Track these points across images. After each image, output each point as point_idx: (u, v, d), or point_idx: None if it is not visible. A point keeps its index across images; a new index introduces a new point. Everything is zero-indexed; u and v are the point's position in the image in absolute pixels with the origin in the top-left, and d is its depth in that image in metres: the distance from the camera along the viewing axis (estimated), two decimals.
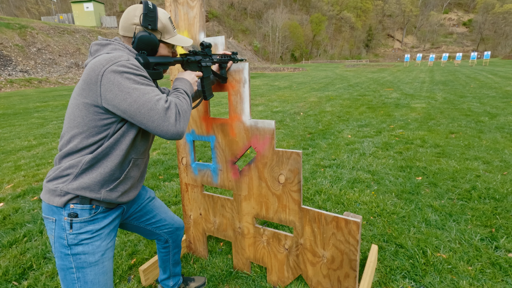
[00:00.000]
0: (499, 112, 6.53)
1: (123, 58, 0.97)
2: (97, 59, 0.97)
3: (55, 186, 1.02)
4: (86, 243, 1.05)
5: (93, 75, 0.95)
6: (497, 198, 2.71)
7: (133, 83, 0.95)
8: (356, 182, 3.23)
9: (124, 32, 1.11)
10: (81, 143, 1.00)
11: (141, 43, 1.07)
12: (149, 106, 0.95)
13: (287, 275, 1.73)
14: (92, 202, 1.05)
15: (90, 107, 0.97)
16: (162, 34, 1.14)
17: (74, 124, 1.00)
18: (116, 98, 0.94)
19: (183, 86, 1.16)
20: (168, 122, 0.97)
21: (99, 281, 1.10)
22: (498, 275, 1.78)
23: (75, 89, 1.02)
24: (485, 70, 20.15)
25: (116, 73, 0.94)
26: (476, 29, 75.43)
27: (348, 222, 1.41)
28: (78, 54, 26.28)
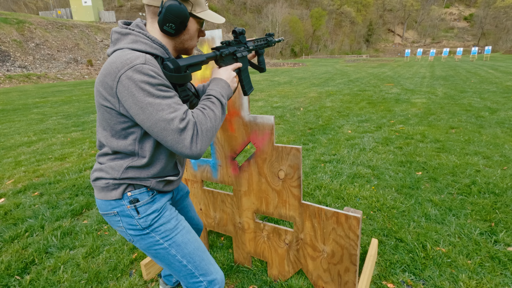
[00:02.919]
0: (500, 107, 6.52)
1: (139, 60, 0.87)
2: (114, 58, 0.89)
3: (105, 183, 1.01)
4: (157, 219, 1.07)
5: (109, 79, 0.88)
6: (497, 192, 2.72)
7: (147, 95, 0.85)
8: (356, 177, 3.23)
9: (149, 1, 0.96)
10: (116, 145, 0.98)
11: (169, 15, 0.92)
12: (161, 125, 0.87)
13: (287, 269, 1.74)
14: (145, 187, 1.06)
15: (111, 111, 0.92)
16: (193, 6, 0.98)
17: (103, 126, 0.98)
18: (130, 109, 0.88)
19: (218, 92, 1.03)
20: (182, 144, 0.88)
21: (189, 239, 1.12)
22: (497, 269, 1.80)
23: (95, 83, 0.95)
24: (486, 65, 20.06)
25: (131, 81, 0.85)
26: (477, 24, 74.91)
27: (349, 218, 1.42)
28: (76, 50, 26.12)
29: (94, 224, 2.51)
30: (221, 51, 1.09)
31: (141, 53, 0.91)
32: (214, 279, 1.15)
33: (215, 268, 1.17)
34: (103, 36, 29.88)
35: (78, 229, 2.46)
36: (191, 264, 1.11)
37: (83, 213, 2.74)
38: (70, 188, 3.23)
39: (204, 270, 1.13)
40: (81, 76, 23.02)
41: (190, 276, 1.13)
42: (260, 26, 68.62)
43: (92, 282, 1.84)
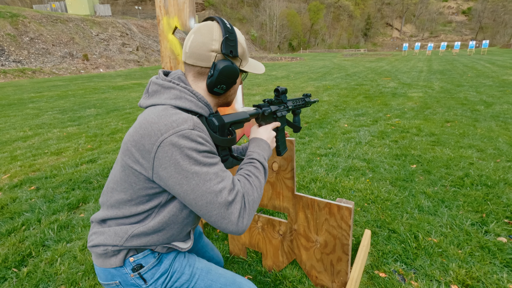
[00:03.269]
0: (495, 101, 6.56)
1: (187, 125, 0.77)
2: (155, 118, 0.78)
3: (104, 249, 0.88)
4: (169, 279, 0.93)
5: (147, 141, 0.76)
6: (489, 184, 2.76)
7: (194, 163, 0.76)
8: (352, 170, 3.26)
9: (195, 61, 0.86)
10: (129, 210, 0.85)
11: (223, 76, 0.84)
12: (208, 198, 0.76)
13: (281, 259, 1.77)
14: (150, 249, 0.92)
15: (140, 175, 0.80)
16: (241, 62, 0.92)
17: (121, 188, 0.84)
18: (170, 179, 0.77)
19: (261, 155, 0.95)
20: (228, 219, 0.78)
21: (212, 279, 0.99)
22: (486, 258, 1.84)
23: (125, 140, 0.83)
24: (483, 59, 20.09)
25: (176, 148, 0.74)
26: (475, 18, 74.74)
27: (341, 208, 1.44)
28: (72, 44, 25.83)
29: None
30: (263, 109, 1.05)
31: (188, 114, 0.81)
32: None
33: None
34: (99, 30, 29.53)
35: (75, 222, 2.47)
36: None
37: (79, 206, 2.76)
38: (67, 182, 3.24)
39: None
40: (76, 71, 22.81)
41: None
42: (258, 20, 68.04)
43: (89, 274, 1.86)
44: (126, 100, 8.81)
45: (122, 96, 9.64)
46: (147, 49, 32.40)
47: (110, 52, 28.20)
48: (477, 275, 1.70)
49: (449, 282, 1.67)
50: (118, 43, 29.85)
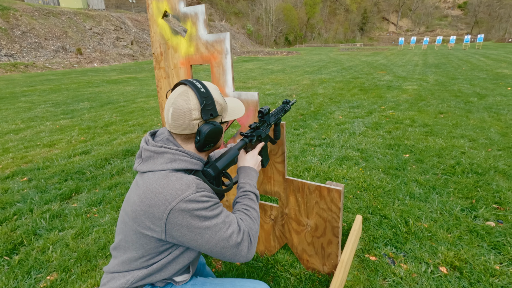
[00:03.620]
0: (488, 93, 6.61)
1: (191, 190, 0.84)
2: (159, 188, 0.84)
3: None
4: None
5: (156, 210, 0.83)
6: (480, 172, 2.80)
7: (204, 220, 0.84)
8: (345, 159, 3.28)
9: (180, 131, 0.91)
10: (140, 265, 0.93)
11: (209, 138, 0.91)
12: (221, 244, 0.86)
13: (273, 244, 1.78)
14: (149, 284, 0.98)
15: (151, 237, 0.87)
16: (222, 116, 0.98)
17: (133, 248, 0.91)
18: (184, 237, 0.85)
19: (252, 186, 1.04)
20: (240, 255, 0.89)
21: None
22: (475, 241, 1.87)
23: (128, 206, 0.90)
24: (478, 53, 20.18)
25: (185, 212, 0.82)
26: (471, 12, 74.86)
27: (331, 191, 1.45)
28: (65, 38, 25.42)
29: (84, 207, 2.52)
30: (249, 139, 1.14)
31: (189, 178, 0.87)
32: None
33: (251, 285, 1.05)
34: (92, 23, 29.08)
35: (67, 211, 2.46)
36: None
37: (72, 197, 2.74)
38: (59, 173, 3.21)
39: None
40: (70, 65, 22.50)
41: None
42: (254, 14, 67.45)
43: (81, 260, 1.86)
44: (121, 94, 8.73)
45: (116, 90, 9.55)
46: (142, 43, 32.01)
47: (104, 46, 27.82)
48: (465, 257, 1.73)
49: (437, 264, 1.70)
50: (112, 37, 29.45)
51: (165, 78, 1.84)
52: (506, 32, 61.42)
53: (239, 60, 23.94)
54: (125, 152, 3.84)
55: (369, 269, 1.69)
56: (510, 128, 4.06)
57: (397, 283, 1.58)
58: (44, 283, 1.70)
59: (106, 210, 2.47)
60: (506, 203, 2.27)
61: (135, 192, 0.90)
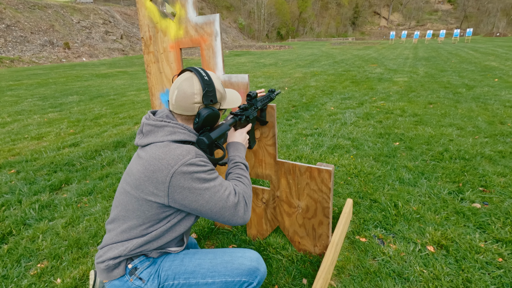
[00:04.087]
0: (476, 84, 6.73)
1: (191, 155, 0.92)
2: (162, 155, 0.91)
3: (106, 265, 0.97)
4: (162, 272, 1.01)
5: (160, 175, 0.90)
6: (467, 158, 2.86)
7: (203, 182, 0.92)
8: (336, 148, 3.31)
9: (182, 112, 1.00)
10: (139, 233, 0.97)
11: (207, 122, 1.00)
12: (220, 205, 0.93)
13: (265, 227, 1.80)
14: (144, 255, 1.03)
15: (153, 204, 0.93)
16: (220, 104, 1.07)
17: (134, 216, 0.96)
18: (186, 199, 0.91)
19: (241, 157, 1.13)
20: (237, 216, 0.96)
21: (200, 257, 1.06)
22: (461, 221, 1.92)
23: (130, 177, 0.96)
24: (467, 47, 20.48)
25: (186, 175, 0.89)
26: (460, 7, 75.73)
27: (321, 171, 1.47)
28: (52, 32, 24.77)
29: (74, 197, 2.49)
30: (239, 117, 1.23)
31: (188, 146, 0.96)
32: (249, 268, 1.04)
33: (246, 256, 1.07)
34: (80, 17, 28.39)
35: (57, 202, 2.43)
36: (218, 275, 1.03)
37: (62, 187, 2.70)
38: (48, 165, 3.16)
39: (236, 269, 1.04)
40: (58, 60, 21.99)
41: (227, 286, 1.03)
42: (246, 8, 66.83)
43: (72, 248, 1.84)
44: (111, 87, 8.58)
45: (106, 84, 9.39)
46: (132, 37, 31.43)
47: (93, 40, 27.22)
48: (452, 236, 1.78)
49: (425, 244, 1.74)
50: (101, 31, 28.82)
51: (155, 63, 1.82)
52: (494, 26, 62.42)
53: (231, 54, 23.75)
54: (116, 143, 3.79)
55: (359, 249, 1.72)
56: (496, 117, 4.15)
57: (386, 262, 1.62)
58: (35, 271, 1.68)
59: (97, 199, 2.45)
60: (491, 186, 2.33)
61: (137, 163, 0.96)
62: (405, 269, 1.56)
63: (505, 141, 3.24)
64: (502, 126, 3.76)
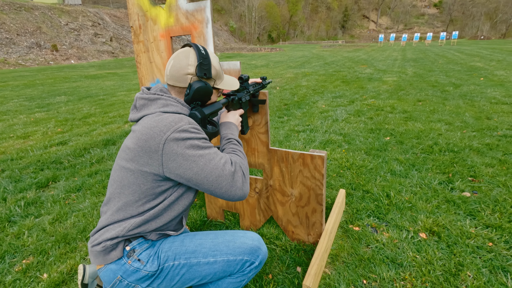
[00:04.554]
0: (463, 82, 6.89)
1: (183, 122, 0.90)
2: (154, 123, 0.89)
3: (103, 246, 0.93)
4: (161, 253, 0.98)
5: (152, 143, 0.87)
6: (456, 150, 2.91)
7: (198, 149, 0.89)
8: (328, 143, 3.33)
9: (174, 82, 1.00)
10: (135, 210, 0.94)
11: (197, 95, 0.98)
12: (216, 173, 0.90)
13: (258, 218, 1.78)
14: (142, 237, 0.99)
15: (149, 175, 0.90)
16: (215, 81, 1.06)
17: (129, 191, 0.93)
18: (180, 167, 0.88)
19: (234, 135, 1.11)
20: (236, 186, 0.92)
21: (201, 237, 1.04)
22: (451, 209, 1.95)
23: (124, 152, 0.94)
24: (453, 49, 21.00)
25: (179, 141, 0.87)
26: (446, 11, 77.77)
27: (314, 158, 1.46)
28: (39, 33, 24.29)
29: (62, 193, 2.42)
30: (231, 97, 1.23)
31: (182, 115, 0.94)
32: (251, 247, 1.03)
33: (248, 236, 1.06)
34: (68, 19, 27.96)
35: (44, 199, 2.36)
36: (220, 254, 1.00)
37: (49, 185, 2.63)
38: (35, 164, 3.07)
39: (238, 247, 1.02)
40: (45, 62, 21.56)
41: (229, 265, 1.00)
42: (236, 11, 67.06)
43: (59, 243, 1.79)
44: (100, 88, 8.45)
45: (95, 84, 9.24)
46: (122, 39, 31.09)
47: (82, 42, 26.81)
48: (443, 223, 1.80)
49: (417, 231, 1.75)
50: (90, 33, 28.41)
51: (145, 52, 1.79)
52: (478, 30, 64.31)
53: (222, 56, 23.75)
54: (105, 141, 3.72)
55: (353, 238, 1.72)
56: (483, 113, 4.25)
57: (379, 249, 1.62)
58: (20, 267, 1.62)
59: (86, 196, 2.38)
60: (480, 176, 2.37)
61: (131, 137, 0.94)
62: (398, 255, 1.56)
63: (492, 135, 3.32)
64: (488, 121, 3.85)
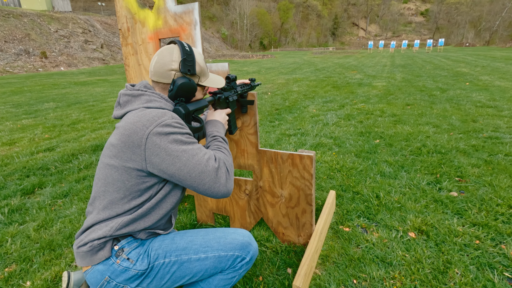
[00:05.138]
0: (449, 87, 7.07)
1: (167, 116, 0.89)
2: (136, 118, 0.88)
3: (90, 245, 0.90)
4: (152, 251, 0.96)
5: (135, 137, 0.86)
6: (443, 152, 2.97)
7: (181, 144, 0.88)
8: (319, 146, 3.35)
9: (158, 78, 1.00)
10: (121, 208, 0.92)
11: (181, 91, 0.97)
12: (200, 168, 0.88)
13: (249, 220, 1.77)
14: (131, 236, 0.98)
15: (133, 171, 0.89)
16: (199, 78, 1.06)
17: (114, 189, 0.91)
18: (163, 162, 0.87)
19: (220, 132, 1.11)
20: (219, 183, 0.91)
21: (191, 234, 1.04)
22: (439, 208, 1.97)
23: (108, 149, 0.92)
24: (440, 56, 21.58)
25: (162, 135, 0.86)
26: (432, 19, 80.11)
27: (302, 157, 1.47)
28: (27, 40, 23.99)
29: (48, 200, 2.36)
30: (218, 96, 1.21)
31: (165, 110, 0.93)
32: (242, 243, 1.03)
33: (238, 232, 1.07)
34: (58, 26, 27.71)
35: (29, 205, 2.29)
36: (211, 250, 1.00)
37: (35, 191, 2.56)
38: (20, 170, 2.99)
39: (229, 243, 1.02)
40: (34, 69, 21.24)
41: (220, 261, 1.00)
42: (228, 18, 67.66)
43: (44, 250, 1.73)
44: (90, 94, 8.35)
45: (85, 91, 9.13)
46: (113, 46, 30.93)
47: (72, 49, 26.56)
48: (431, 222, 1.82)
49: (406, 230, 1.77)
50: (80, 40, 28.19)
51: (133, 55, 1.78)
52: (463, 37, 66.35)
53: (215, 62, 23.82)
54: (94, 147, 3.66)
55: (343, 238, 1.72)
56: (469, 116, 4.36)
57: (369, 248, 1.62)
58: (1, 275, 1.56)
59: (73, 201, 2.33)
60: (467, 176, 2.42)
61: (115, 133, 0.92)
62: (388, 254, 1.57)
63: (478, 137, 3.40)
64: (474, 124, 3.94)
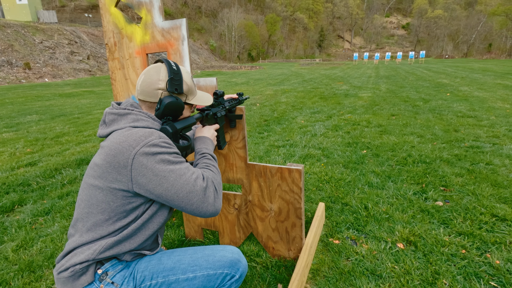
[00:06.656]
0: (431, 98, 7.32)
1: (154, 136, 0.88)
2: (123, 138, 0.86)
3: (72, 270, 0.86)
4: (137, 274, 0.93)
5: (121, 158, 0.84)
6: (428, 161, 3.04)
7: (168, 164, 0.86)
8: (308, 157, 3.37)
9: (145, 97, 0.98)
10: (106, 230, 0.88)
11: (168, 110, 0.96)
12: (187, 188, 0.87)
13: (238, 235, 1.75)
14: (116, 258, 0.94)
15: (118, 192, 0.87)
16: (187, 96, 1.05)
17: (98, 210, 0.88)
18: (150, 183, 0.85)
19: (209, 149, 1.10)
20: (207, 202, 0.89)
21: (179, 254, 1.01)
22: (426, 218, 2.00)
23: (92, 169, 0.89)
24: (421, 67, 22.42)
25: (149, 155, 0.84)
26: (413, 32, 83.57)
27: (291, 171, 1.47)
28: (10, 51, 23.47)
29: (28, 217, 2.26)
30: (206, 112, 1.21)
31: (152, 129, 0.91)
32: (231, 260, 1.01)
33: (227, 250, 1.04)
34: (43, 37, 27.30)
35: (8, 224, 2.19)
36: (199, 269, 0.97)
37: (14, 209, 2.46)
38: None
39: (217, 261, 1.00)
40: (17, 80, 20.73)
41: (209, 280, 0.97)
42: (216, 30, 68.50)
43: (23, 272, 1.65)
44: (75, 106, 8.19)
45: (70, 103, 8.95)
46: (100, 58, 30.64)
47: (57, 60, 26.13)
48: (419, 232, 1.84)
49: (395, 241, 1.78)
50: (66, 51, 27.82)
51: (120, 69, 1.77)
52: (443, 49, 69.37)
53: (203, 74, 23.93)
54: (79, 161, 3.56)
55: (333, 251, 1.72)
56: (451, 126, 4.51)
57: (359, 261, 1.62)
58: None
59: (55, 219, 2.24)
60: (451, 185, 2.48)
61: (99, 153, 0.90)
62: (377, 267, 1.57)
63: (460, 146, 3.51)
64: (456, 133, 4.08)
